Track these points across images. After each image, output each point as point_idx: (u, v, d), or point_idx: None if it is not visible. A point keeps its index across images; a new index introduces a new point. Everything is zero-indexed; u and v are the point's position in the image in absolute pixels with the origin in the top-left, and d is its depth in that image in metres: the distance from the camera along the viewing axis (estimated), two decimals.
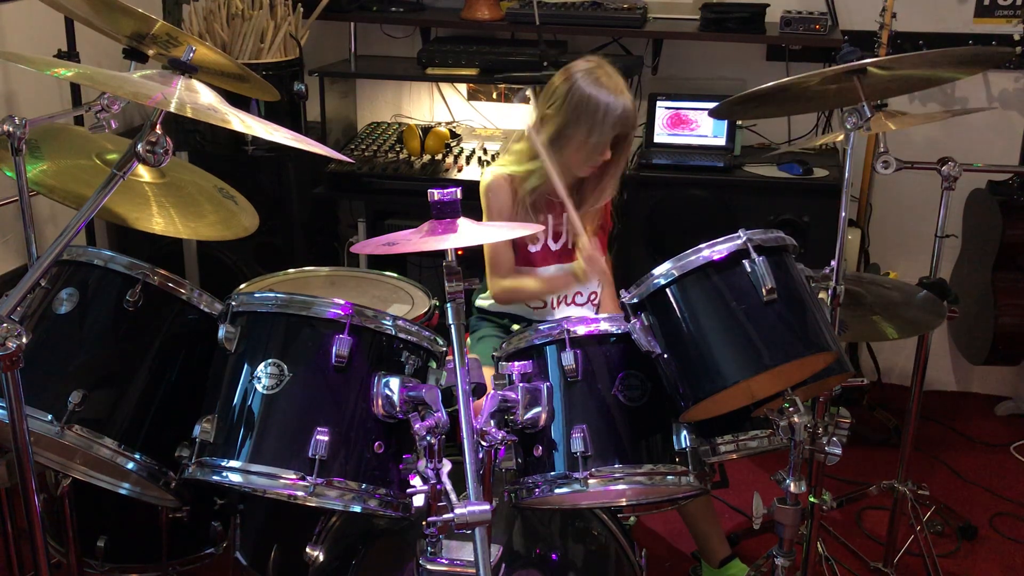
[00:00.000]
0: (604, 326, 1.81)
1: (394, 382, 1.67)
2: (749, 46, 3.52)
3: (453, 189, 1.56)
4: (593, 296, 2.58)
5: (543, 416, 1.75)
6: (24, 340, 1.38)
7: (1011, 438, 3.45)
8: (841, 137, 2.38)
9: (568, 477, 1.74)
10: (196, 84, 1.58)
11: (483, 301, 2.63)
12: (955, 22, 3.41)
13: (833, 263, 1.88)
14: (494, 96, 3.70)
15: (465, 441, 1.43)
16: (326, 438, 1.63)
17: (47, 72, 1.52)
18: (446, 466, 1.54)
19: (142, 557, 2.13)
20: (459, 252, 1.57)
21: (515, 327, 1.89)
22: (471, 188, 2.45)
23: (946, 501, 3.06)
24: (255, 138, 3.14)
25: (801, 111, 3.30)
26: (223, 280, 3.16)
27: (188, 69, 1.57)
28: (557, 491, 1.76)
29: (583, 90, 2.34)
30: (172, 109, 1.44)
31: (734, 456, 1.87)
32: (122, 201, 1.94)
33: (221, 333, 1.71)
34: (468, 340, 2.60)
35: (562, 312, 2.53)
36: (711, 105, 3.27)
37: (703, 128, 3.34)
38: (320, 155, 1.71)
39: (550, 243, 2.49)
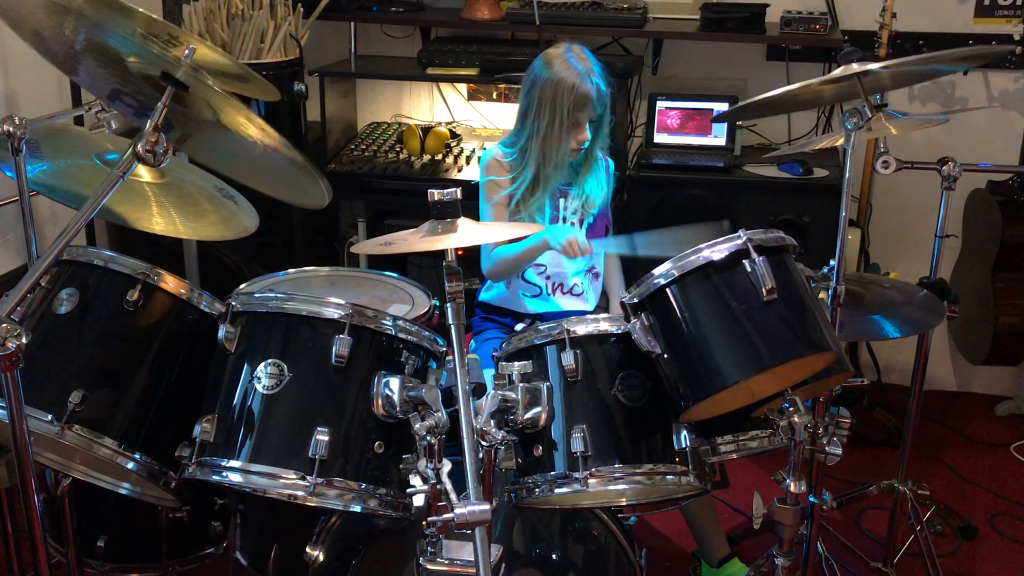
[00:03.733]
0: (604, 326, 1.81)
1: (394, 382, 1.67)
2: (749, 46, 3.52)
3: (453, 189, 1.57)
4: (576, 285, 2.58)
5: (543, 416, 1.75)
6: (24, 340, 1.38)
7: (1011, 438, 3.45)
8: (842, 140, 2.38)
9: (568, 477, 1.74)
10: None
11: (486, 294, 2.63)
12: (955, 22, 3.41)
13: (833, 262, 1.88)
14: (494, 96, 3.70)
15: (465, 441, 1.44)
16: (326, 438, 1.63)
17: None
18: (446, 466, 1.54)
19: (142, 557, 2.13)
20: (459, 252, 1.57)
21: (519, 326, 1.89)
22: (471, 188, 2.46)
23: (946, 501, 3.06)
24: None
25: (801, 108, 3.29)
26: (223, 280, 3.16)
27: (180, 86, 1.53)
28: (557, 491, 1.76)
29: (550, 73, 2.42)
30: None
31: (734, 456, 1.87)
32: (122, 201, 1.94)
33: (221, 333, 1.71)
34: (472, 342, 2.60)
35: (558, 300, 2.54)
36: (711, 105, 3.32)
37: (703, 128, 3.34)
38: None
39: None
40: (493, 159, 2.55)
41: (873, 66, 1.77)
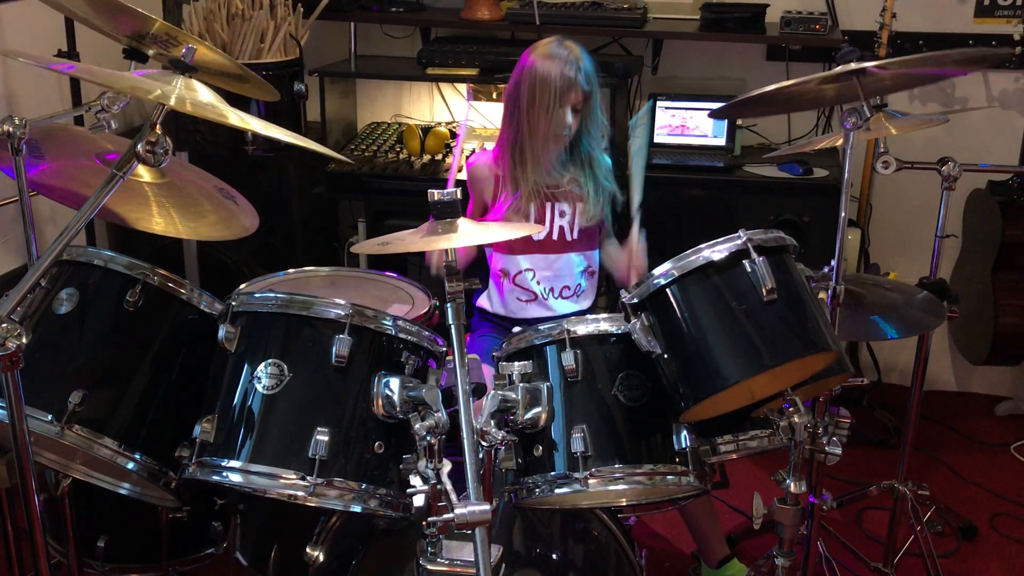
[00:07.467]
0: (604, 326, 1.81)
1: (394, 382, 1.67)
2: (749, 46, 3.52)
3: (453, 189, 1.57)
4: (578, 287, 2.57)
5: (543, 416, 1.75)
6: (24, 340, 1.38)
7: (1011, 438, 3.45)
8: (841, 140, 2.39)
9: (568, 477, 1.74)
10: (195, 83, 1.58)
11: (484, 301, 2.63)
12: (955, 22, 3.41)
13: (833, 263, 1.88)
14: (494, 96, 3.69)
15: (465, 441, 1.44)
16: (326, 438, 1.63)
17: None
18: (446, 466, 1.54)
19: (142, 557, 2.13)
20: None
21: (516, 329, 1.90)
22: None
23: (946, 501, 3.06)
24: (255, 138, 3.13)
25: (801, 109, 3.29)
26: (223, 280, 3.16)
27: (188, 68, 1.57)
28: (557, 491, 1.76)
29: (534, 58, 2.43)
30: (172, 104, 1.44)
31: (734, 456, 1.87)
32: (122, 201, 1.93)
33: (221, 333, 1.71)
34: (468, 338, 2.60)
35: (552, 303, 2.54)
36: (711, 105, 3.31)
37: (703, 128, 3.34)
38: (320, 155, 1.71)
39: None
40: (478, 166, 2.55)
41: (868, 64, 1.77)
